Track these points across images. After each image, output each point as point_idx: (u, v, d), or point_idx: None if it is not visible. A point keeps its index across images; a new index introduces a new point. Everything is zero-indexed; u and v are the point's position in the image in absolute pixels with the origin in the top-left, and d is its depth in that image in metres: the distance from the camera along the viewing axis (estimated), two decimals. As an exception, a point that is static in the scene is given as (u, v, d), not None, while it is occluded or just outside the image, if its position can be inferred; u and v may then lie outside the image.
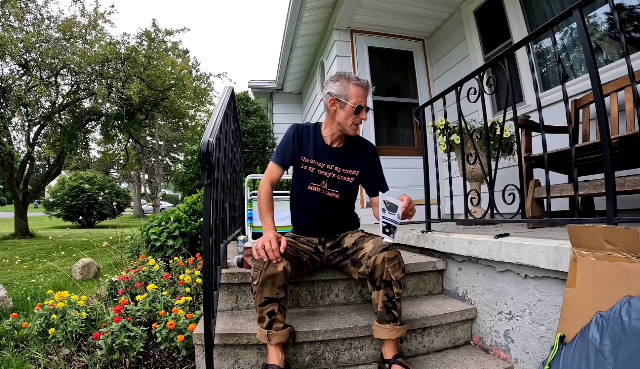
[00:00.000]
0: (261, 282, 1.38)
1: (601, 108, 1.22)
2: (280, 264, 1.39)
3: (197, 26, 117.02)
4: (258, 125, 7.47)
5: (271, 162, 1.74)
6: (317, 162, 1.72)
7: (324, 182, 1.73)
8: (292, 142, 1.73)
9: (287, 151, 1.73)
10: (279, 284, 1.40)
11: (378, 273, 1.42)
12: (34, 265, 4.30)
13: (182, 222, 3.29)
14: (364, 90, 1.65)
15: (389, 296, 1.42)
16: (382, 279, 1.42)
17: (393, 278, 1.41)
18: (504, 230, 1.89)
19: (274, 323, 1.40)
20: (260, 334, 1.42)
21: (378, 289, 1.44)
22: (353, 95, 1.62)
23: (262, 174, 1.76)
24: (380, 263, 1.41)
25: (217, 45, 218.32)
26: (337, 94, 1.64)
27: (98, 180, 13.65)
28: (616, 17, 1.26)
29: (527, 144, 2.29)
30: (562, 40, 3.02)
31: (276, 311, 1.40)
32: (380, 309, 1.44)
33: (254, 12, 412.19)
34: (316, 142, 1.74)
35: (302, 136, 1.74)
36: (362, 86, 1.64)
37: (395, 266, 1.42)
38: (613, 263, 1.02)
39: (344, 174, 1.73)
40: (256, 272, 1.40)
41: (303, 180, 1.74)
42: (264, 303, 1.40)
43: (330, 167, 1.72)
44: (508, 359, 1.56)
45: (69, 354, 1.74)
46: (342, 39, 4.28)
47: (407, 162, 4.14)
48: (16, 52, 6.71)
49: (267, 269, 1.38)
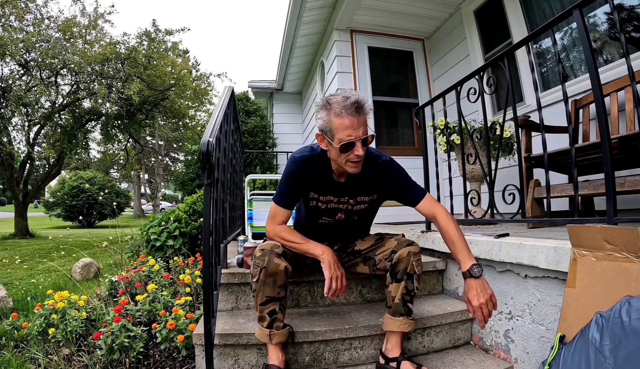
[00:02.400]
0: (262, 280, 1.38)
1: (601, 108, 1.22)
2: (282, 264, 1.39)
3: (197, 26, 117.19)
4: (258, 125, 7.47)
5: (275, 205, 1.51)
6: (329, 196, 1.53)
7: (339, 214, 1.57)
8: (298, 181, 1.48)
9: (292, 192, 1.50)
10: (279, 284, 1.39)
11: (402, 266, 1.44)
12: (34, 265, 4.30)
13: (182, 222, 3.29)
14: (353, 118, 1.28)
15: (408, 289, 1.45)
16: (406, 272, 1.44)
17: (416, 271, 1.45)
18: (504, 230, 1.89)
19: (275, 322, 1.40)
20: (261, 333, 1.41)
21: (399, 282, 1.45)
22: (338, 129, 1.29)
23: (262, 175, 1.74)
24: (406, 256, 1.44)
25: (217, 45, 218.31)
26: (322, 128, 1.36)
27: (98, 180, 13.65)
28: (616, 17, 1.27)
29: (527, 144, 2.29)
30: (562, 40, 3.02)
31: (277, 310, 1.40)
32: (397, 301, 1.45)
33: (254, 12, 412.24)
34: (326, 178, 1.50)
35: (310, 172, 1.48)
36: (348, 114, 1.28)
37: (418, 261, 1.46)
38: (613, 263, 1.02)
39: (359, 202, 1.56)
40: (256, 269, 1.39)
41: (313, 214, 1.58)
42: (265, 302, 1.39)
43: (345, 200, 1.54)
44: (508, 359, 1.56)
45: (69, 354, 1.74)
46: (342, 39, 4.28)
47: (407, 162, 4.10)
48: (16, 52, 6.71)
49: (269, 267, 1.37)
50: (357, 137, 1.30)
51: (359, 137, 1.30)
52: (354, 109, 1.29)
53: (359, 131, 1.30)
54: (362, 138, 1.31)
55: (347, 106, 1.28)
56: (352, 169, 1.38)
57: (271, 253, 1.39)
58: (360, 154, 1.32)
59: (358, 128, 1.30)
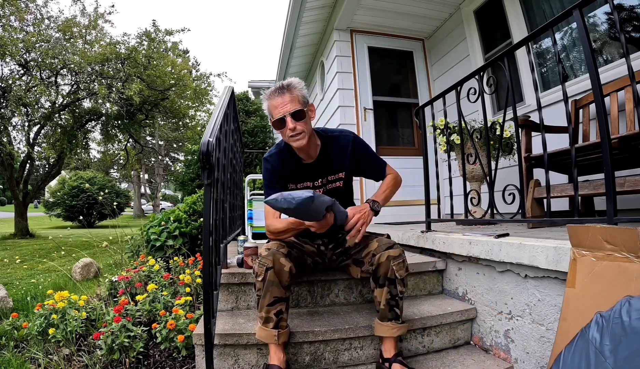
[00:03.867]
0: (269, 281, 1.36)
1: (601, 108, 1.22)
2: (287, 265, 1.39)
3: (197, 26, 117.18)
4: (258, 125, 7.47)
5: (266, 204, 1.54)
6: (305, 183, 1.63)
7: None
8: (275, 176, 1.60)
9: (275, 188, 1.56)
10: (285, 284, 1.40)
11: (382, 271, 1.43)
12: (34, 265, 4.30)
13: (182, 222, 3.29)
14: (278, 98, 1.47)
15: (392, 294, 1.43)
16: (387, 277, 1.42)
17: (397, 276, 1.42)
18: (504, 230, 1.89)
19: (281, 322, 1.40)
20: (267, 335, 1.38)
21: (381, 287, 1.44)
22: (272, 110, 1.50)
23: (262, 175, 1.74)
24: (385, 261, 1.42)
25: (217, 45, 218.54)
26: (268, 116, 1.57)
27: (98, 180, 13.65)
28: (616, 17, 1.26)
29: (527, 144, 2.29)
30: (562, 40, 3.02)
31: (283, 310, 1.41)
32: (382, 307, 1.44)
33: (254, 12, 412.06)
34: (296, 164, 1.62)
35: (280, 164, 1.61)
36: (275, 95, 1.48)
37: (400, 265, 1.42)
38: (613, 263, 1.02)
39: (333, 181, 1.65)
40: (261, 268, 1.38)
41: None
42: (273, 302, 1.38)
43: (319, 183, 1.64)
44: (508, 359, 1.56)
45: (69, 354, 1.75)
46: (342, 39, 4.28)
47: (407, 162, 4.12)
48: (16, 52, 6.71)
49: (275, 267, 1.37)
50: (285, 112, 1.46)
51: (288, 111, 1.46)
52: (280, 90, 1.48)
53: (286, 107, 1.47)
54: (291, 112, 1.46)
55: (275, 90, 1.50)
56: (297, 143, 1.50)
57: (277, 253, 1.40)
58: (292, 126, 1.46)
59: (284, 105, 1.47)
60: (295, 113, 1.47)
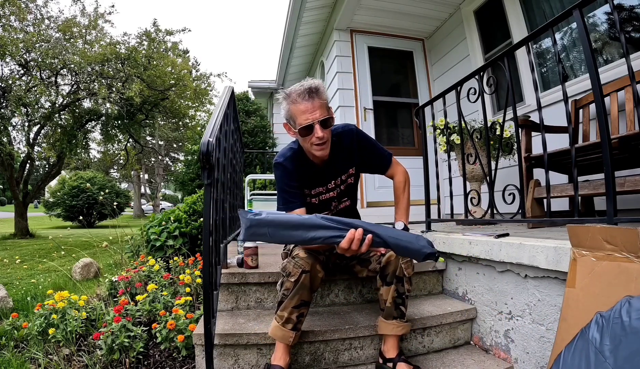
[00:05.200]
0: (302, 284, 1.35)
1: (601, 108, 1.22)
2: (321, 272, 1.41)
3: (197, 26, 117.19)
4: (258, 125, 7.47)
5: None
6: (318, 188, 1.60)
7: (333, 203, 1.65)
8: (291, 179, 1.53)
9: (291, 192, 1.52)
10: (315, 289, 1.42)
11: (391, 269, 1.43)
12: (34, 265, 4.30)
13: (182, 222, 3.29)
14: (308, 103, 1.37)
15: (399, 292, 1.44)
16: (395, 275, 1.43)
17: (406, 274, 1.43)
18: (504, 230, 1.89)
19: (298, 324, 1.40)
20: (283, 335, 1.36)
21: (388, 285, 1.44)
22: (296, 115, 1.39)
23: (262, 175, 1.74)
24: (394, 259, 1.43)
25: (217, 45, 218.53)
26: (286, 117, 1.46)
27: (98, 180, 13.64)
28: (616, 17, 1.27)
29: (527, 144, 2.29)
30: (562, 40, 3.02)
31: (305, 314, 1.41)
32: (388, 305, 1.44)
33: (254, 12, 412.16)
34: (311, 167, 1.56)
35: (296, 167, 1.54)
36: (303, 99, 1.37)
37: (408, 263, 1.44)
38: (613, 263, 1.02)
39: (345, 179, 1.64)
40: (297, 269, 1.34)
41: (309, 211, 1.57)
42: (300, 305, 1.37)
43: (332, 186, 1.61)
44: (508, 359, 1.56)
45: (69, 354, 1.74)
46: (342, 39, 4.28)
47: (407, 162, 4.08)
48: (16, 52, 6.71)
49: (312, 272, 1.36)
50: (314, 119, 1.38)
51: (317, 119, 1.38)
52: (308, 94, 1.38)
53: (315, 113, 1.38)
54: (320, 120, 1.38)
55: (302, 93, 1.38)
56: (319, 153, 1.44)
57: (316, 259, 1.40)
58: (321, 135, 1.39)
59: (314, 111, 1.38)
60: (324, 121, 1.39)
